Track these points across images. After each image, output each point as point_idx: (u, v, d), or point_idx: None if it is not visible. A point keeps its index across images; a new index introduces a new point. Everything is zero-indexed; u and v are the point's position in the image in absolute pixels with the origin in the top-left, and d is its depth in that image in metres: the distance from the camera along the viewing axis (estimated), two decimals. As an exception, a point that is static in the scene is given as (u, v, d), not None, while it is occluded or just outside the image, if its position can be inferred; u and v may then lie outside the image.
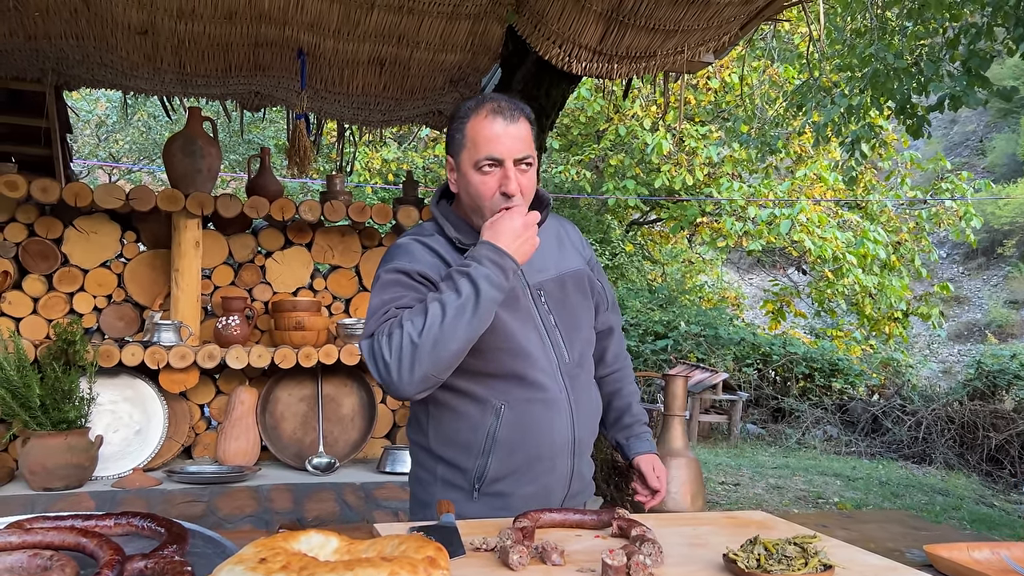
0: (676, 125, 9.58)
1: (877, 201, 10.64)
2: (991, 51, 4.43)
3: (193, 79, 3.60)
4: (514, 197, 1.65)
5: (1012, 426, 8.11)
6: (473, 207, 1.70)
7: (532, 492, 1.72)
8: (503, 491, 1.71)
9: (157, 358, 3.27)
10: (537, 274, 1.77)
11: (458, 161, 1.69)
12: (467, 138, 1.65)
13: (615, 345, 1.99)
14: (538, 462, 1.72)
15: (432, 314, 1.52)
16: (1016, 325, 18.84)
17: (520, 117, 1.66)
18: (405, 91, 3.76)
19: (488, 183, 1.64)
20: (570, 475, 1.77)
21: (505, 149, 1.62)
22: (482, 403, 1.69)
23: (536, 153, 1.71)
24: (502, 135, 1.62)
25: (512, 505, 1.70)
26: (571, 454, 1.76)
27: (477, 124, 1.64)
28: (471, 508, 1.70)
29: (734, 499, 5.62)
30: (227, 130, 9.51)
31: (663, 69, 3.65)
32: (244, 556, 1.08)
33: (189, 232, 3.48)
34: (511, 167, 1.63)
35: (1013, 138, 23.50)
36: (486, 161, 1.63)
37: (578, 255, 1.87)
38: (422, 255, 1.69)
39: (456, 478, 1.73)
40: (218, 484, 3.23)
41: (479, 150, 1.63)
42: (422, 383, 1.54)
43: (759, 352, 10.37)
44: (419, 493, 1.82)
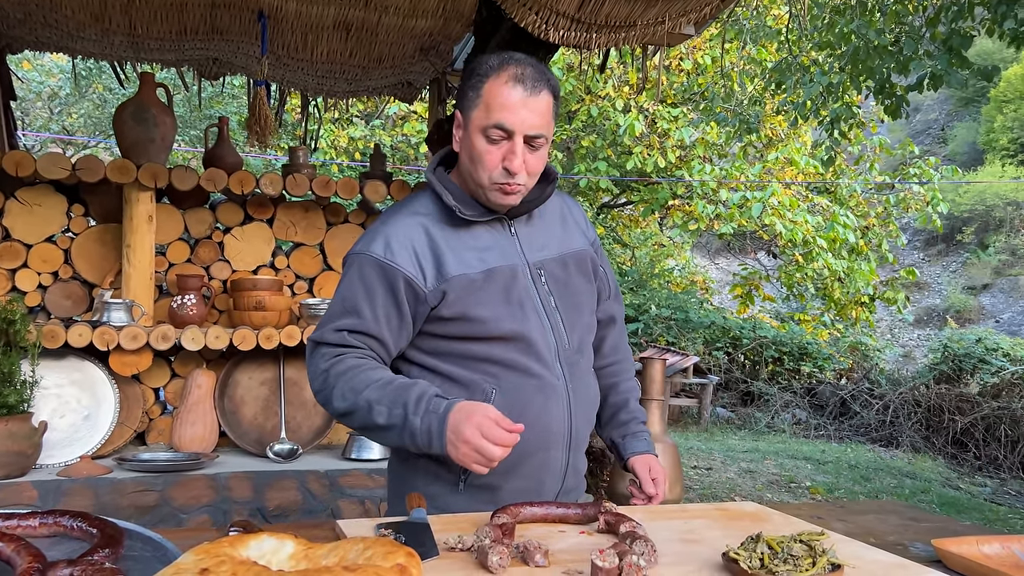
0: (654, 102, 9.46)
1: (847, 185, 10.65)
2: (971, 30, 4.36)
3: (145, 42, 3.38)
4: (517, 176, 1.51)
5: (976, 409, 8.18)
6: (471, 172, 1.56)
7: (523, 486, 1.59)
8: (492, 484, 1.58)
9: (107, 339, 3.07)
10: (538, 252, 1.63)
11: (467, 119, 1.54)
12: (481, 99, 1.51)
13: (615, 336, 1.85)
14: (531, 454, 1.58)
15: (357, 408, 1.49)
16: (974, 310, 19.18)
17: (543, 89, 1.50)
18: (372, 59, 3.57)
19: (492, 153, 1.51)
20: (565, 469, 1.64)
21: (518, 121, 1.48)
22: (470, 387, 1.55)
23: (552, 129, 1.56)
24: (518, 106, 1.48)
25: (501, 499, 1.57)
26: (567, 446, 1.63)
27: (494, 87, 1.49)
28: (456, 501, 1.57)
29: (707, 484, 5.56)
30: (187, 105, 9.20)
31: (643, 41, 3.51)
32: (183, 566, 0.93)
33: (141, 206, 3.28)
34: (520, 143, 1.49)
35: (973, 127, 23.86)
36: (495, 129, 1.49)
37: (582, 235, 1.73)
38: (406, 242, 1.55)
39: (440, 469, 1.59)
40: (173, 472, 3.06)
41: (490, 115, 1.49)
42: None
43: (729, 336, 10.36)
44: (398, 485, 1.67)
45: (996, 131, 22.11)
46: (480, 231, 1.58)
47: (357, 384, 1.47)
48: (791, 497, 5.55)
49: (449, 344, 1.56)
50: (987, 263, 20.02)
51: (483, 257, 1.55)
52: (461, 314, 1.53)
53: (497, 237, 1.59)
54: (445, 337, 1.56)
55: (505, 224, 1.61)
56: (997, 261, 20.00)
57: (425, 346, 1.58)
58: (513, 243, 1.60)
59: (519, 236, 1.61)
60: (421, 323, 1.56)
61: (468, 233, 1.57)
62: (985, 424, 8.04)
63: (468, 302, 1.53)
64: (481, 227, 1.58)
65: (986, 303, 19.57)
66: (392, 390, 1.45)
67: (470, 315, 1.53)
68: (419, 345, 1.59)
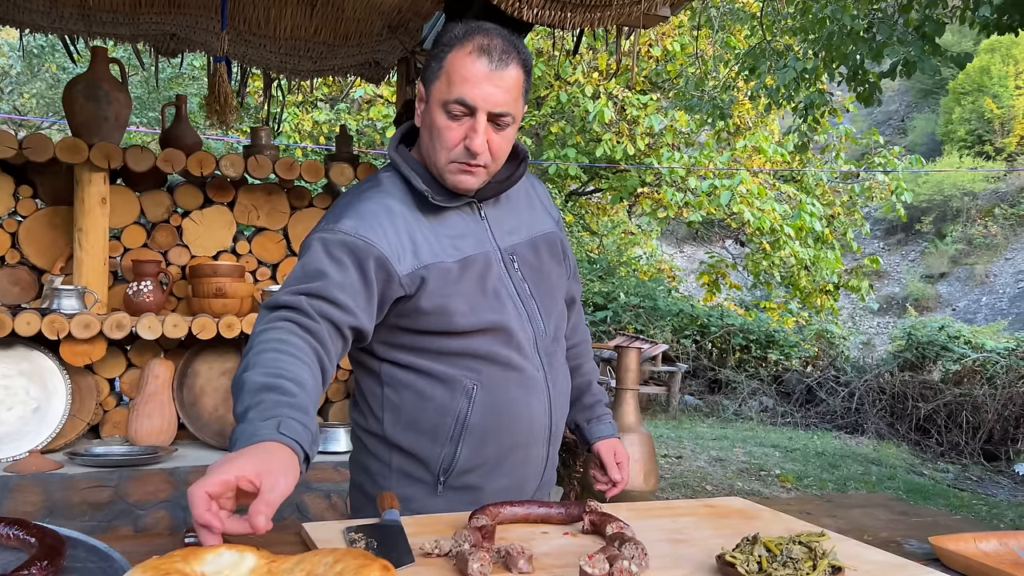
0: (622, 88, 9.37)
1: (813, 174, 10.70)
2: (943, 17, 4.34)
3: (97, 15, 3.20)
4: (479, 156, 1.39)
5: (939, 396, 8.29)
6: (429, 151, 1.44)
7: (505, 484, 1.50)
8: (473, 484, 1.48)
9: (57, 327, 2.92)
10: (508, 236, 1.52)
11: (428, 92, 1.42)
12: (443, 70, 1.38)
13: (575, 317, 1.76)
14: (514, 450, 1.49)
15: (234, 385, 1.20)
16: (931, 299, 19.55)
17: (512, 63, 1.37)
18: (339, 36, 3.43)
19: (453, 130, 1.38)
20: (544, 464, 1.57)
21: (481, 97, 1.35)
22: (451, 384, 1.44)
23: (521, 109, 1.44)
24: (482, 79, 1.35)
25: (482, 499, 1.47)
26: (547, 441, 1.55)
27: (458, 58, 1.36)
28: (434, 503, 1.47)
29: (678, 472, 5.54)
30: (145, 86, 8.92)
31: (618, 21, 3.42)
32: None
33: (94, 187, 3.12)
34: (482, 120, 1.37)
35: (932, 118, 24.25)
36: (456, 105, 1.36)
37: (548, 216, 1.63)
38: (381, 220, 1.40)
39: (416, 470, 1.49)
40: (128, 467, 2.92)
41: (452, 89, 1.36)
42: None
43: (697, 324, 10.38)
44: (367, 486, 1.56)
45: (954, 123, 22.50)
46: (451, 216, 1.46)
47: (248, 361, 1.21)
48: (761, 485, 5.56)
49: (427, 339, 1.45)
50: (944, 252, 20.40)
51: (457, 245, 1.44)
52: (440, 307, 1.41)
53: (468, 223, 1.48)
54: (422, 332, 1.44)
55: (475, 208, 1.50)
56: (954, 250, 20.39)
57: (401, 342, 1.46)
58: (484, 228, 1.49)
59: (488, 220, 1.50)
60: (387, 309, 1.42)
61: (438, 219, 1.45)
62: (947, 411, 8.15)
63: (446, 293, 1.41)
64: (452, 212, 1.47)
65: (943, 291, 19.95)
66: (257, 385, 1.16)
67: (449, 308, 1.42)
68: (394, 342, 1.46)
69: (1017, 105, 21.37)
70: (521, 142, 1.58)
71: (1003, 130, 21.83)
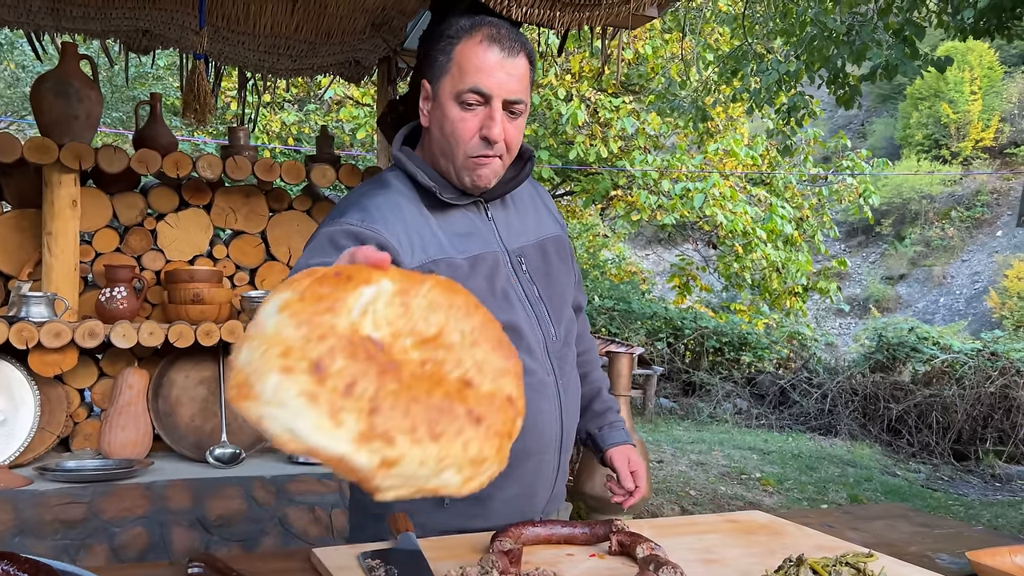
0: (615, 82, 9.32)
1: (782, 177, 10.78)
2: (923, 20, 4.37)
3: (66, 9, 3.06)
4: (496, 145, 1.35)
5: (910, 397, 8.38)
6: (443, 148, 1.39)
7: (515, 494, 1.42)
8: (481, 495, 1.39)
9: (25, 336, 2.78)
10: (515, 238, 1.47)
11: (436, 88, 1.38)
12: (453, 62, 1.35)
13: (581, 324, 1.71)
14: (525, 458, 1.42)
15: None
16: (892, 300, 19.87)
17: (521, 52, 1.36)
18: (320, 33, 3.33)
19: (468, 122, 1.35)
20: (556, 473, 1.49)
21: (496, 84, 1.33)
22: None
23: (530, 98, 1.41)
24: (496, 67, 1.33)
25: (490, 512, 1.40)
26: (558, 449, 1.48)
27: (469, 48, 1.34)
28: (439, 517, 1.39)
29: (662, 478, 5.51)
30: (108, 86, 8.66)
31: (606, 21, 3.38)
32: (288, 342, 0.65)
33: (64, 189, 2.98)
34: (499, 108, 1.34)
35: (891, 123, 24.68)
36: (471, 94, 1.33)
37: (553, 220, 1.59)
38: (386, 212, 1.35)
39: None
40: (102, 482, 2.78)
41: (465, 79, 1.33)
42: None
43: (671, 326, 10.39)
44: (365, 501, 1.48)
45: (912, 127, 22.92)
46: (457, 216, 1.42)
47: None
48: (744, 489, 5.55)
49: None
50: (904, 254, 20.76)
51: (465, 244, 1.39)
52: None
53: (475, 222, 1.43)
54: None
55: (482, 208, 1.45)
56: (913, 252, 20.76)
57: None
58: (491, 229, 1.44)
59: (496, 221, 1.46)
60: None
61: (445, 217, 1.40)
62: (918, 411, 8.25)
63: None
64: (458, 211, 1.42)
65: (903, 292, 20.30)
66: None
67: None
68: None
69: (972, 110, 21.85)
70: (526, 143, 1.53)
71: (959, 135, 22.28)
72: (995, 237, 20.17)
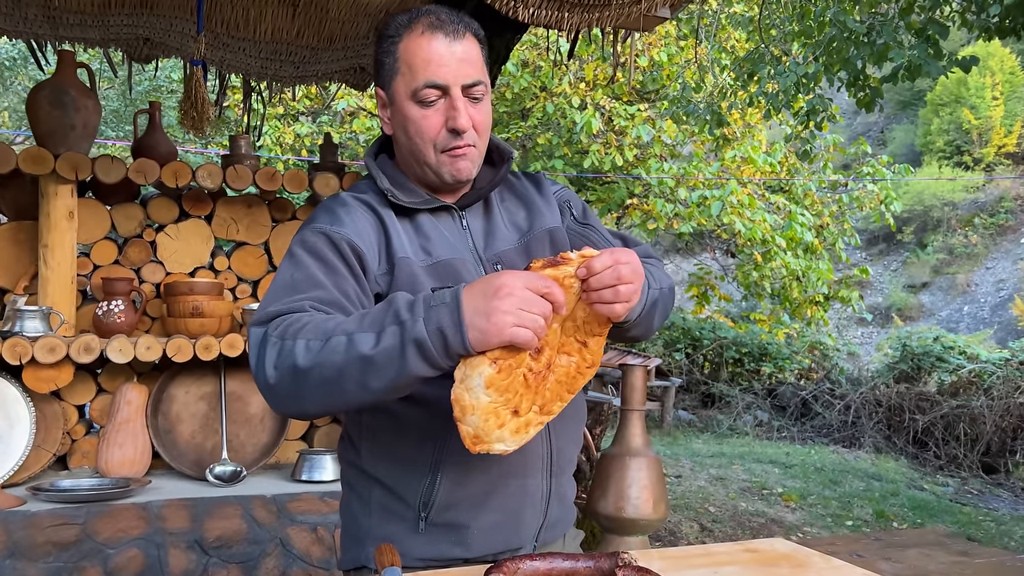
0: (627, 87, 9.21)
1: (802, 184, 10.61)
2: (946, 20, 4.22)
3: (64, 17, 3.00)
4: (465, 133, 1.28)
5: (936, 408, 8.16)
6: (413, 151, 1.32)
7: (496, 521, 1.31)
8: (457, 521, 1.30)
9: (19, 351, 2.70)
10: (495, 244, 1.37)
11: (390, 92, 1.31)
12: (401, 61, 1.28)
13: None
14: (502, 482, 1.31)
15: (331, 350, 1.08)
16: (914, 308, 19.58)
17: (466, 33, 1.29)
18: (323, 39, 3.25)
19: (431, 118, 1.28)
20: (547, 498, 1.36)
21: (450, 73, 1.26)
22: (428, 406, 1.27)
23: (487, 77, 1.33)
24: (445, 55, 1.26)
25: (470, 540, 1.29)
26: (547, 471, 1.35)
27: (412, 43, 1.28)
28: (416, 543, 1.29)
29: (680, 493, 5.36)
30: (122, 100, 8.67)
31: (617, 23, 3.27)
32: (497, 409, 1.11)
33: (60, 200, 2.91)
34: (459, 97, 1.27)
35: (912, 129, 24.40)
36: (427, 90, 1.26)
37: (548, 209, 1.45)
38: (356, 216, 1.29)
39: (395, 505, 1.31)
40: (97, 502, 2.69)
41: (417, 76, 1.27)
42: (298, 414, 1.23)
43: (689, 337, 10.22)
44: (351, 527, 1.39)
45: (933, 133, 22.64)
46: (423, 222, 1.33)
47: (327, 327, 1.10)
48: (765, 505, 5.38)
49: None
50: (926, 262, 20.47)
51: (428, 248, 1.30)
52: None
53: (444, 230, 1.34)
54: None
55: (456, 217, 1.36)
56: (936, 260, 20.46)
57: None
58: (464, 237, 1.35)
59: (471, 231, 1.36)
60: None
61: (411, 223, 1.33)
62: (944, 423, 8.03)
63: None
64: (426, 218, 1.33)
65: (926, 301, 20.00)
66: (373, 313, 1.09)
67: None
68: None
69: (994, 116, 21.53)
70: (505, 143, 1.43)
71: (981, 140, 21.98)
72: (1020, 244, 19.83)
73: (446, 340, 1.05)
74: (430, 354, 1.05)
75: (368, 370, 1.06)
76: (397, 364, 1.06)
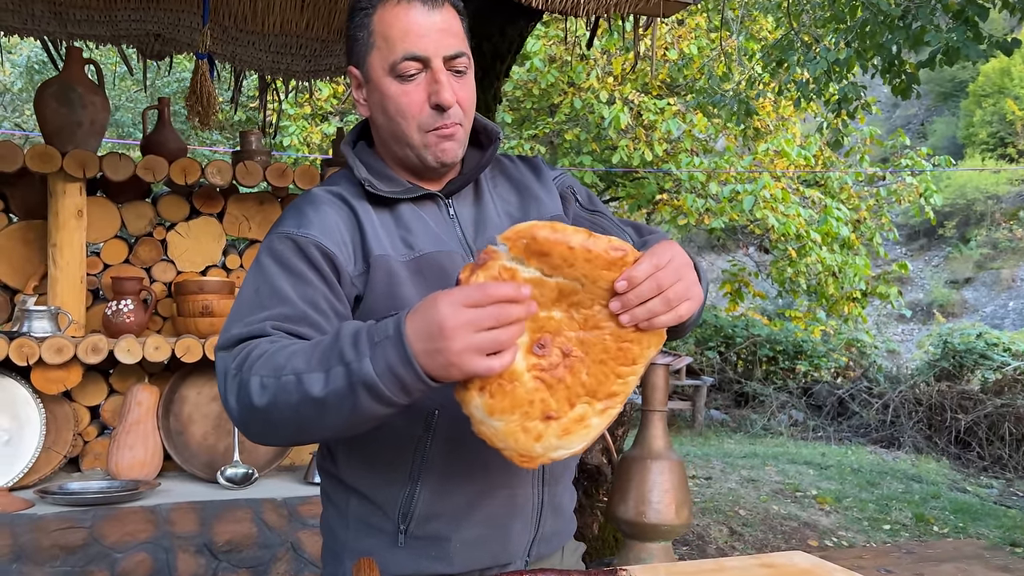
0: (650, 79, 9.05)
1: (838, 178, 10.34)
2: (986, 2, 4.03)
3: (71, 13, 2.97)
4: (451, 110, 1.16)
5: (979, 407, 7.88)
6: (393, 132, 1.20)
7: (481, 535, 1.21)
8: (438, 534, 1.20)
9: (26, 352, 2.66)
10: (489, 233, 1.26)
11: (365, 69, 1.20)
12: (375, 34, 1.17)
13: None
14: (488, 493, 1.21)
15: (283, 390, 1.00)
16: (957, 304, 19.11)
17: (445, 2, 1.19)
18: (333, 31, 3.17)
19: (411, 94, 1.16)
20: (539, 509, 1.25)
21: (431, 44, 1.16)
22: (408, 408, 1.17)
23: (469, 49, 1.22)
24: (424, 24, 1.15)
25: (453, 554, 1.20)
26: (539, 480, 1.25)
27: (388, 13, 1.17)
28: (395, 558, 1.20)
29: (709, 496, 5.21)
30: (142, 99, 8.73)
31: (635, 9, 3.15)
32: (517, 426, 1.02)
33: (69, 199, 2.87)
34: (441, 69, 1.16)
35: (953, 121, 23.83)
36: (407, 62, 1.15)
37: (548, 196, 1.34)
38: (325, 214, 1.19)
39: (374, 517, 1.22)
40: (105, 505, 2.64)
41: (394, 48, 1.16)
42: (274, 445, 1.16)
43: (721, 335, 10.02)
44: (329, 541, 1.30)
45: (975, 125, 22.09)
46: (407, 213, 1.22)
47: (278, 362, 1.02)
48: (799, 508, 5.21)
49: None
50: (969, 257, 19.97)
51: (409, 241, 1.19)
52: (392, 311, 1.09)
53: (428, 220, 1.23)
54: None
55: (442, 206, 1.25)
56: (979, 255, 19.96)
57: None
58: (451, 227, 1.24)
59: (460, 219, 1.25)
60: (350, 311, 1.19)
61: (390, 214, 1.22)
62: (988, 422, 7.75)
63: (396, 295, 1.16)
64: (407, 208, 1.22)
65: (969, 297, 19.51)
66: (321, 348, 1.01)
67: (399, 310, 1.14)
68: None
69: (1040, 106, 20.93)
70: (493, 122, 1.33)
71: (1026, 132, 21.37)
72: (1067, 237, 19.26)
73: (400, 380, 0.95)
74: (383, 395, 0.96)
75: (323, 412, 0.99)
76: (350, 405, 0.97)
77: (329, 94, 9.69)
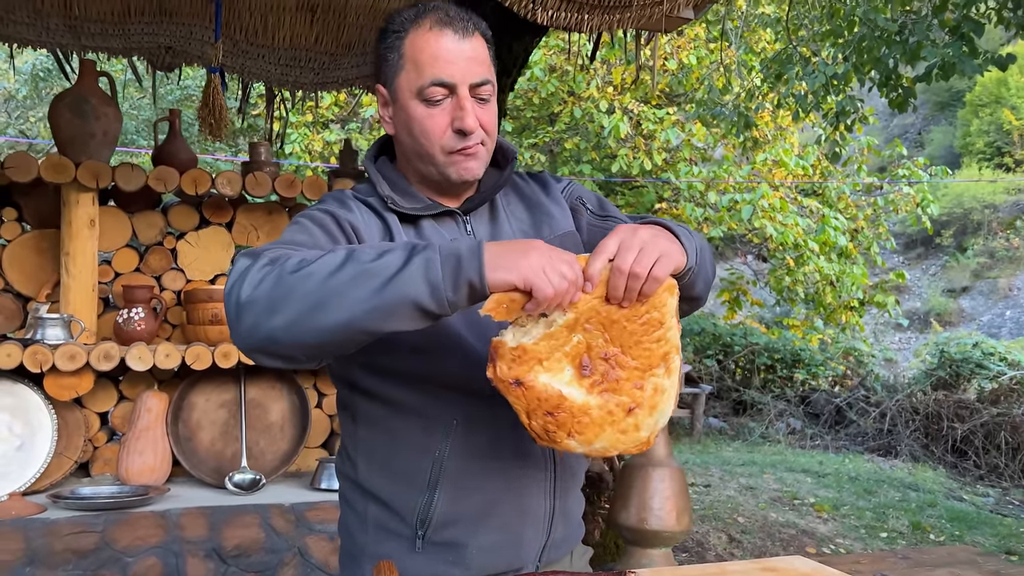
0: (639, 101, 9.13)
1: (835, 188, 10.41)
2: (982, 17, 4.10)
3: (84, 25, 3.02)
4: (473, 134, 1.22)
5: (976, 416, 7.93)
6: (416, 152, 1.26)
7: (496, 541, 1.26)
8: (455, 540, 1.25)
9: (39, 359, 2.71)
10: None
11: (393, 89, 1.25)
12: (405, 58, 1.22)
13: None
14: (503, 500, 1.26)
15: (325, 261, 1.00)
16: (954, 313, 19.13)
17: (475, 32, 1.24)
18: (341, 45, 3.24)
19: (436, 118, 1.22)
20: (550, 516, 1.31)
21: (458, 71, 1.21)
22: (427, 418, 1.23)
23: (495, 78, 1.28)
24: (454, 52, 1.21)
25: (468, 559, 1.25)
26: (549, 491, 1.30)
27: (419, 38, 1.22)
28: (413, 562, 1.25)
29: (708, 503, 5.25)
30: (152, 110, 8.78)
31: (638, 24, 3.21)
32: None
33: (82, 208, 2.92)
34: (466, 95, 1.21)
35: (950, 131, 23.91)
36: (434, 88, 1.20)
37: (559, 211, 1.38)
38: (362, 213, 1.26)
39: (392, 522, 1.27)
40: (116, 510, 2.69)
41: (423, 73, 1.21)
42: (264, 341, 1.03)
43: (720, 343, 10.07)
44: (347, 544, 1.36)
45: (972, 135, 22.15)
46: (427, 228, 1.28)
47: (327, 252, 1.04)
48: (796, 516, 5.26)
49: (401, 361, 1.22)
50: (966, 266, 20.00)
51: None
52: None
53: (447, 236, 1.29)
54: (393, 350, 1.21)
55: (460, 222, 1.30)
56: (976, 264, 19.99)
57: (373, 364, 1.24)
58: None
59: (476, 236, 1.31)
60: None
61: (414, 230, 1.27)
62: (984, 431, 7.79)
63: None
64: (427, 223, 1.28)
65: (966, 306, 19.54)
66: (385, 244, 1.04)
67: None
68: (364, 363, 1.24)
69: (1036, 116, 21.02)
70: (509, 141, 1.39)
71: (1023, 142, 21.45)
72: (1064, 247, 19.33)
73: (459, 264, 0.98)
74: (435, 275, 0.97)
75: (359, 278, 0.97)
76: (393, 275, 0.97)
77: (331, 102, 9.75)
